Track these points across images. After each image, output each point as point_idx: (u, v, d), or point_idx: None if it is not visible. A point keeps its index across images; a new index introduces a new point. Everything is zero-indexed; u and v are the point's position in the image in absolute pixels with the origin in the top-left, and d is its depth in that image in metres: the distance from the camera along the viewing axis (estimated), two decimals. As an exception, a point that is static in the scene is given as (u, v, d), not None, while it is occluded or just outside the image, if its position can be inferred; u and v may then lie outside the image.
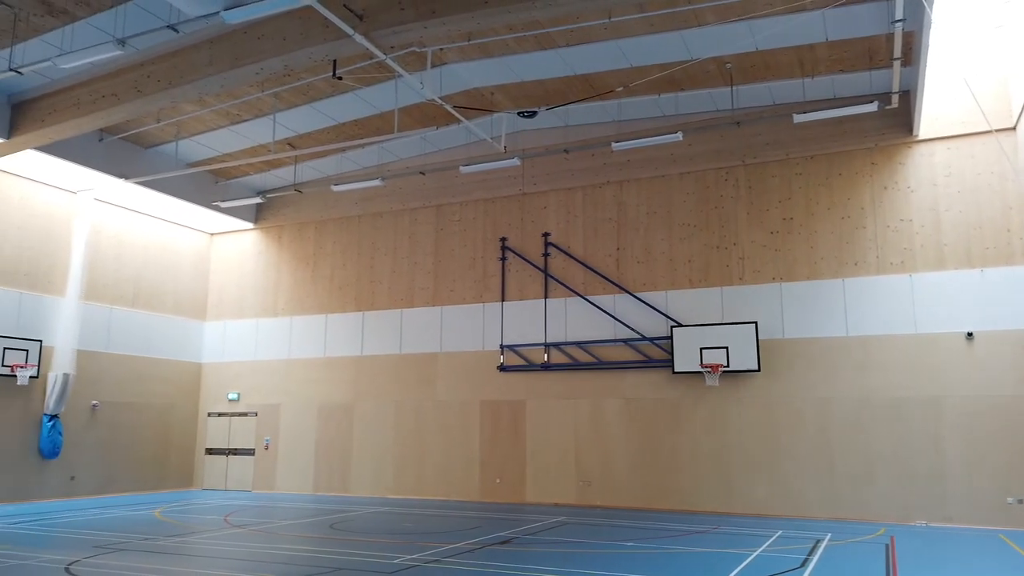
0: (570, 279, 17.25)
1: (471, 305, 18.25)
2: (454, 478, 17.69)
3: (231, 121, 16.83)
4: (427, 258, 19.03)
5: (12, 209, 16.93)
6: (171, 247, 20.74)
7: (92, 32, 12.69)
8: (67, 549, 10.31)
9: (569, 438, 16.69)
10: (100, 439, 18.33)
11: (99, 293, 18.67)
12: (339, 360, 19.63)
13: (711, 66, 14.36)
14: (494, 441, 17.45)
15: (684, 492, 15.46)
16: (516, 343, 17.51)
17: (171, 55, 13.27)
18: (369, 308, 19.53)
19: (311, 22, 11.82)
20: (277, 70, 12.69)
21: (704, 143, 16.26)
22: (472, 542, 11.12)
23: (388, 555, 9.94)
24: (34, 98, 14.89)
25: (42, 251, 17.48)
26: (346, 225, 20.23)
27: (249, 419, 20.42)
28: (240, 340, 20.98)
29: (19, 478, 16.53)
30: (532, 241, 17.84)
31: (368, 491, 18.53)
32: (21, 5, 12.09)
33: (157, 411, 19.88)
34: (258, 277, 21.17)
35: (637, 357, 16.30)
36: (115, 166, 17.25)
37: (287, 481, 19.57)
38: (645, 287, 16.53)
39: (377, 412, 18.89)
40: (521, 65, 14.75)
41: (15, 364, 16.35)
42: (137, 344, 19.52)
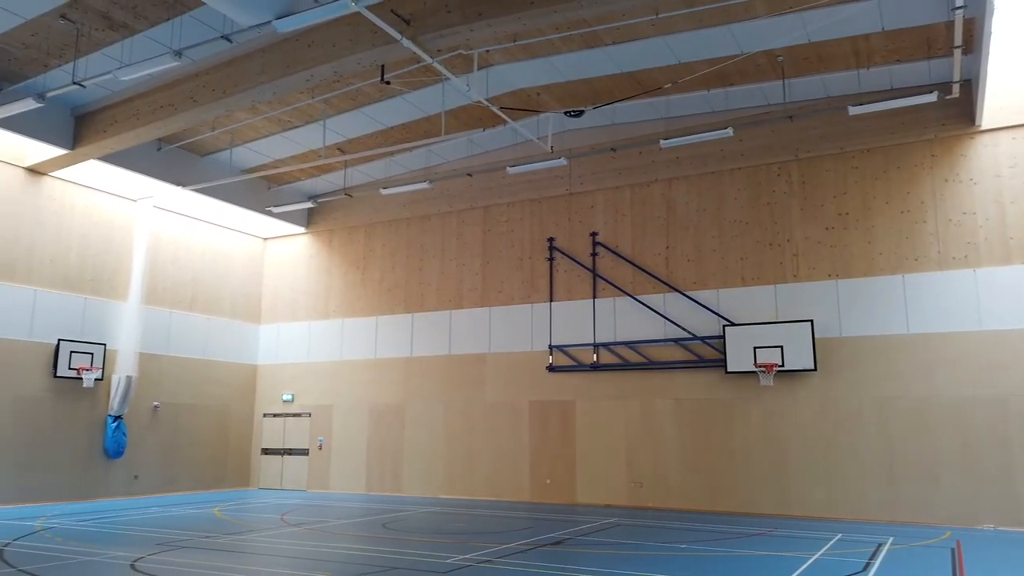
0: (619, 278, 17.12)
1: (519, 306, 18.26)
2: (504, 478, 17.71)
3: (283, 128, 17.17)
4: (475, 259, 19.11)
5: (76, 217, 17.57)
6: (226, 252, 21.27)
7: (150, 45, 13.09)
8: (132, 546, 10.65)
9: (620, 439, 16.56)
10: (161, 439, 18.90)
11: (159, 297, 19.24)
12: (389, 361, 19.85)
13: (761, 60, 14.08)
14: (543, 441, 17.42)
15: (739, 494, 15.19)
16: (565, 343, 17.45)
17: (225, 65, 13.62)
18: (418, 310, 19.70)
19: (359, 28, 12.00)
20: (327, 76, 12.92)
21: (755, 138, 15.96)
22: (524, 542, 11.11)
23: (440, 555, 10.00)
24: (96, 110, 15.44)
25: (105, 257, 18.10)
26: (395, 228, 20.45)
27: (303, 420, 20.80)
28: (293, 342, 21.39)
29: (86, 477, 17.15)
30: (580, 241, 17.76)
31: (419, 491, 18.69)
32: (83, 20, 12.55)
33: (215, 412, 20.40)
34: (310, 280, 21.56)
35: (688, 357, 16.09)
36: (173, 174, 17.77)
37: (340, 481, 19.86)
38: (696, 286, 16.30)
39: (427, 413, 19.04)
40: (567, 64, 14.70)
41: (81, 367, 16.97)
42: (195, 347, 20.07)
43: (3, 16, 12.29)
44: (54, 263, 17.00)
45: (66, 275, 17.24)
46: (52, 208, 17.05)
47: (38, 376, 16.43)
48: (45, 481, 16.31)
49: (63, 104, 15.32)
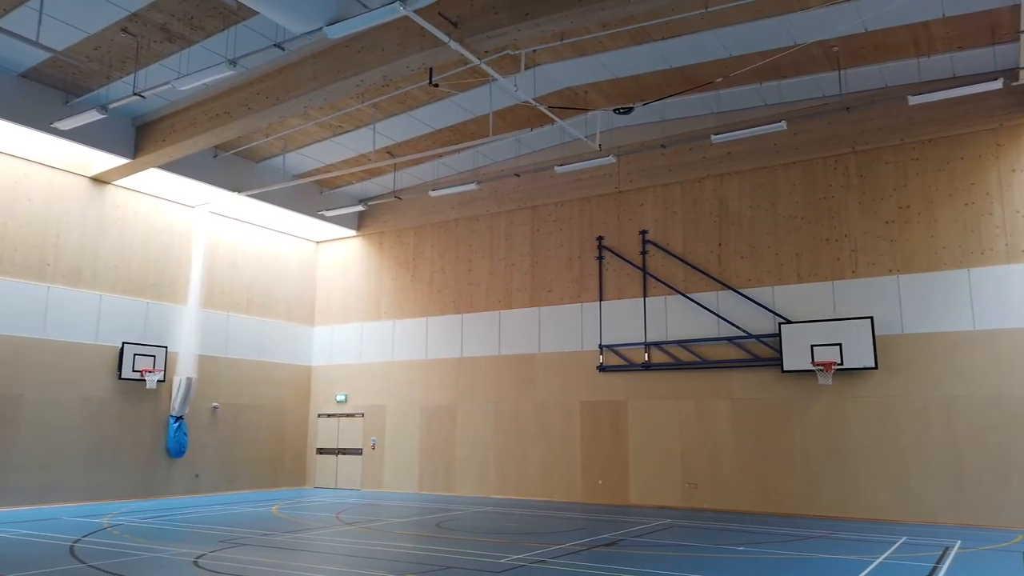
0: (670, 277, 16.91)
1: (569, 305, 18.19)
2: (556, 479, 17.66)
3: (333, 133, 17.45)
4: (523, 259, 19.11)
5: (138, 224, 18.15)
6: (281, 256, 21.71)
7: (206, 55, 13.44)
8: (195, 543, 10.94)
9: (673, 439, 16.35)
10: (220, 439, 19.39)
11: (217, 301, 19.75)
12: (440, 362, 19.99)
13: (816, 51, 13.74)
14: (595, 442, 17.32)
15: (797, 495, 14.85)
16: (615, 343, 17.31)
17: (277, 72, 13.90)
18: (467, 310, 19.79)
19: (408, 32, 12.11)
20: (376, 81, 13.07)
21: (810, 131, 15.59)
22: (577, 543, 11.05)
23: (494, 554, 10.01)
24: (155, 120, 15.92)
25: (165, 263, 18.66)
26: (443, 229, 20.59)
27: (356, 420, 21.10)
28: (346, 344, 21.71)
29: (150, 475, 17.71)
30: (629, 239, 17.60)
31: (471, 490, 18.77)
32: (143, 33, 12.95)
33: (271, 412, 20.85)
34: (361, 282, 21.86)
35: (743, 356, 15.79)
36: (229, 180, 18.23)
37: (393, 480, 20.09)
38: (750, 283, 15.99)
39: (478, 413, 19.11)
40: (615, 62, 14.59)
41: (144, 369, 17.53)
42: (252, 349, 20.54)
43: (68, 31, 12.77)
44: (118, 269, 17.59)
45: (129, 280, 17.82)
46: (115, 216, 17.65)
47: (104, 378, 17.02)
48: (112, 479, 16.89)
49: (124, 115, 15.85)
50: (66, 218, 16.64)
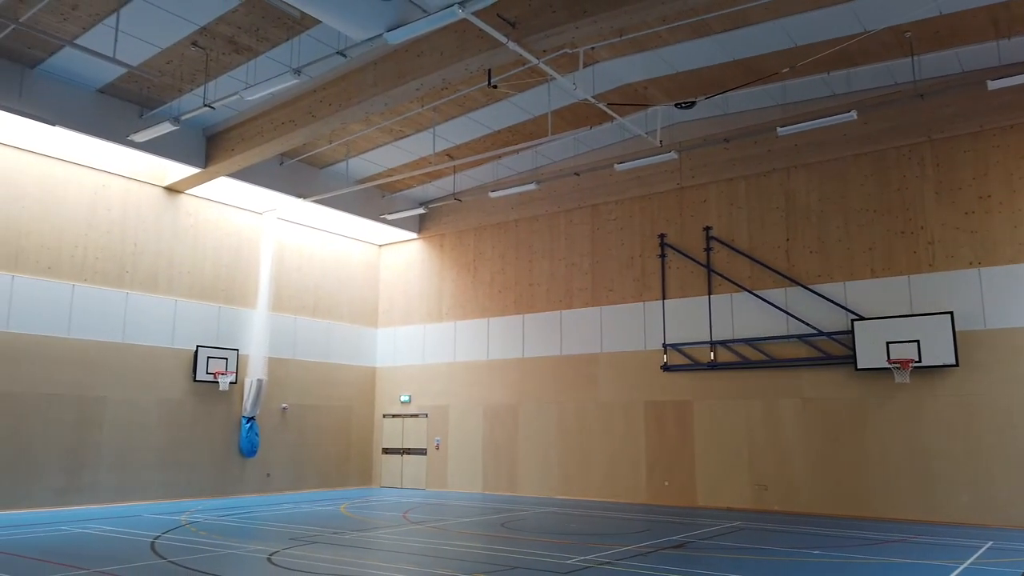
0: (735, 273, 16.54)
1: (631, 304, 17.98)
2: (620, 480, 17.48)
3: (394, 137, 17.68)
4: (584, 259, 18.98)
5: (209, 231, 18.77)
6: (344, 259, 22.14)
7: (271, 65, 13.80)
8: (268, 540, 11.23)
9: (741, 440, 15.98)
10: (290, 439, 19.88)
11: (284, 304, 20.26)
12: (501, 362, 20.03)
13: (887, 37, 13.22)
14: (660, 442, 17.07)
15: (873, 498, 14.32)
16: (680, 342, 17.03)
17: (340, 79, 14.17)
18: (528, 311, 19.78)
19: (466, 35, 12.17)
20: (435, 84, 13.19)
21: (882, 120, 15.02)
22: (644, 545, 10.90)
23: (560, 555, 9.95)
24: (224, 130, 16.43)
25: (235, 268, 19.24)
26: (503, 230, 20.63)
27: (420, 420, 21.34)
28: (409, 345, 21.98)
29: (223, 475, 18.27)
30: (692, 236, 17.29)
31: (535, 491, 18.75)
32: (212, 46, 13.38)
33: (338, 413, 21.27)
34: (423, 284, 22.09)
35: (814, 354, 15.32)
36: (294, 187, 18.68)
37: (458, 480, 20.23)
38: (820, 279, 15.51)
39: (540, 413, 19.07)
40: (675, 56, 14.35)
41: (217, 371, 18.10)
42: (318, 351, 20.99)
43: (142, 47, 13.29)
44: (191, 275, 18.22)
45: (202, 286, 18.44)
46: (188, 223, 18.29)
47: (179, 380, 17.65)
48: (188, 478, 17.50)
49: (195, 126, 16.40)
50: (142, 227, 17.32)
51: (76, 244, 16.11)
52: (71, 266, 15.98)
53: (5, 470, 14.50)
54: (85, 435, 15.79)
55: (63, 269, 15.85)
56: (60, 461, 15.33)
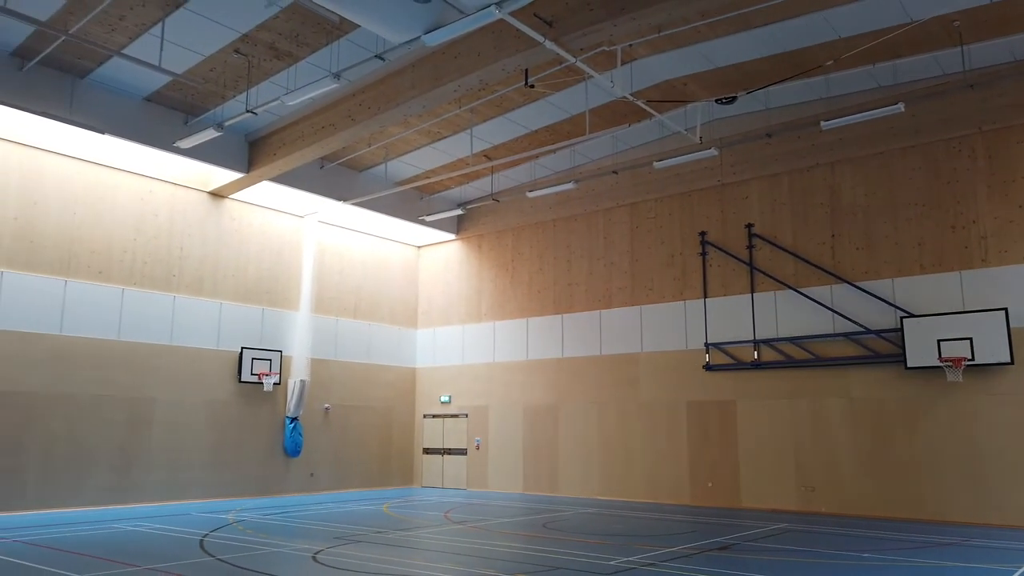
0: (779, 271, 16.25)
1: (671, 303, 17.79)
2: (662, 481, 17.31)
3: (432, 139, 17.78)
4: (623, 258, 18.84)
5: (252, 235, 19.10)
6: (384, 261, 22.33)
7: (311, 70, 13.98)
8: (312, 539, 11.36)
9: (787, 440, 15.69)
10: (333, 439, 20.12)
11: (326, 306, 20.51)
12: (541, 362, 19.99)
13: (934, 27, 12.85)
14: (703, 443, 16.85)
15: (925, 500, 13.93)
16: (722, 341, 16.79)
17: (378, 83, 14.29)
18: (567, 311, 19.70)
19: (503, 35, 12.17)
20: (473, 86, 13.21)
21: (930, 112, 14.61)
22: (688, 547, 10.76)
23: (602, 556, 9.88)
24: (266, 135, 16.70)
25: (278, 271, 19.54)
26: (542, 230, 20.59)
27: (460, 420, 21.42)
28: (449, 345, 22.07)
29: (268, 474, 18.58)
30: (734, 233, 17.04)
31: (576, 491, 18.66)
32: (253, 53, 13.61)
33: (379, 413, 21.46)
34: (462, 285, 22.17)
35: (861, 352, 14.97)
36: (335, 190, 18.90)
37: (498, 480, 20.24)
38: (867, 275, 15.15)
39: (580, 413, 18.98)
40: (715, 51, 14.15)
41: (261, 372, 18.41)
42: (359, 351, 21.21)
43: (187, 55, 13.57)
44: (235, 278, 18.56)
45: (246, 288, 18.77)
46: (232, 227, 18.63)
47: (225, 381, 17.99)
48: (234, 478, 17.83)
49: (238, 131, 16.71)
50: (188, 231, 17.69)
51: (125, 249, 16.53)
52: (120, 270, 16.40)
53: (61, 469, 14.94)
54: (136, 435, 16.19)
55: (113, 273, 16.27)
56: (112, 460, 15.74)
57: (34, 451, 14.63)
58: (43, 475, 14.69)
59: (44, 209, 15.34)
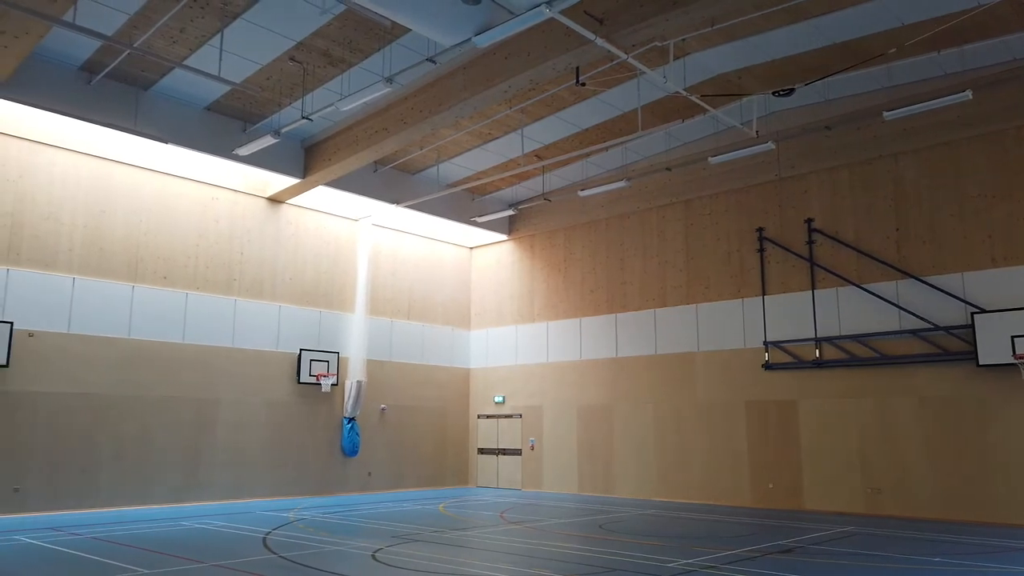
0: (840, 267, 15.79)
1: (729, 301, 17.46)
2: (721, 482, 16.99)
3: (483, 140, 17.84)
4: (678, 255, 18.58)
5: (309, 239, 19.48)
6: (437, 262, 22.52)
7: (364, 75, 14.18)
8: (371, 537, 11.51)
9: (851, 441, 15.23)
10: (389, 439, 20.38)
11: (380, 308, 20.79)
12: (595, 362, 19.86)
13: (1004, 9, 12.30)
14: (763, 444, 16.48)
15: (1000, 502, 13.35)
16: (782, 339, 16.40)
17: (429, 86, 14.40)
18: (621, 310, 19.53)
19: (553, 34, 12.13)
20: (523, 86, 13.20)
21: (1000, 99, 13.99)
22: (749, 549, 10.53)
23: (661, 558, 9.74)
24: (321, 140, 17.01)
25: (334, 274, 19.89)
26: (594, 229, 20.46)
27: (514, 420, 21.43)
28: (502, 346, 22.12)
29: (327, 473, 18.91)
30: (793, 229, 16.63)
31: (632, 492, 18.48)
32: (308, 60, 13.87)
33: (434, 413, 21.64)
34: (514, 285, 22.19)
35: (930, 350, 14.44)
36: (388, 193, 19.14)
37: (553, 480, 20.19)
38: (934, 270, 14.60)
39: (636, 413, 18.79)
40: (770, 43, 13.84)
41: (319, 374, 18.75)
42: (414, 352, 21.43)
43: (244, 64, 13.92)
44: (293, 281, 18.96)
45: (303, 291, 19.15)
46: (289, 232, 19.04)
47: (285, 382, 18.39)
48: (294, 477, 18.20)
49: (294, 138, 17.06)
50: (247, 236, 18.14)
51: (188, 254, 17.04)
52: (184, 275, 16.92)
53: (132, 469, 15.49)
54: (201, 435, 16.68)
55: (177, 278, 16.79)
56: (179, 460, 16.25)
57: (107, 451, 15.21)
58: (115, 474, 15.25)
59: (112, 217, 15.93)
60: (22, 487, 14.03)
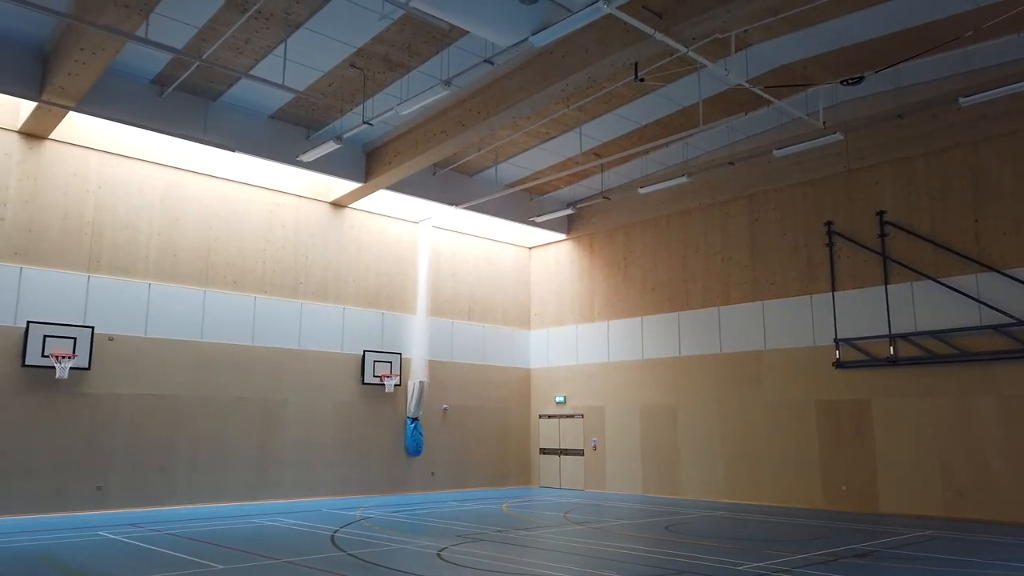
0: (915, 260, 15.17)
1: (796, 298, 16.97)
2: (791, 484, 16.53)
3: (541, 140, 17.80)
4: (742, 252, 18.16)
5: (371, 242, 19.78)
6: (496, 263, 22.58)
7: (423, 79, 14.31)
8: (435, 536, 11.60)
9: (930, 441, 14.61)
10: (451, 439, 20.53)
11: (441, 309, 20.97)
12: (657, 362, 19.59)
13: (1092, -17, 11.61)
14: (835, 444, 15.96)
15: (1094, 509, 12.59)
16: (853, 336, 15.85)
17: (487, 87, 14.44)
18: (684, 308, 19.20)
19: (611, 30, 12.00)
20: (581, 84, 13.11)
21: (1088, 79, 13.20)
22: (823, 553, 10.20)
23: (730, 560, 9.52)
24: (381, 145, 17.25)
25: (395, 276, 20.15)
26: (654, 226, 20.18)
27: (576, 420, 21.32)
28: (562, 346, 22.03)
29: (391, 472, 19.17)
30: (864, 222, 16.05)
31: (698, 494, 18.15)
32: (368, 66, 14.08)
33: (495, 414, 21.70)
34: (574, 285, 22.07)
35: (1012, 346, 13.73)
36: (447, 195, 19.29)
37: (616, 481, 20.00)
38: (1018, 262, 13.88)
39: (701, 413, 18.44)
40: (837, 30, 13.39)
41: (383, 375, 19.03)
42: (474, 353, 21.54)
43: (307, 72, 14.23)
44: (356, 284, 19.29)
45: (366, 294, 19.47)
46: (352, 236, 19.38)
47: (350, 383, 18.72)
48: (360, 476, 18.51)
49: (356, 143, 17.35)
50: (312, 241, 18.54)
51: (256, 259, 17.52)
52: (253, 279, 17.39)
53: (206, 468, 16.00)
54: (270, 435, 17.12)
55: (246, 282, 17.28)
56: (250, 459, 16.71)
57: (182, 450, 15.75)
58: (191, 473, 15.78)
59: (184, 225, 16.50)
60: (104, 485, 14.66)
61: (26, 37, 13.03)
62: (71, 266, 14.88)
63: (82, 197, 15.16)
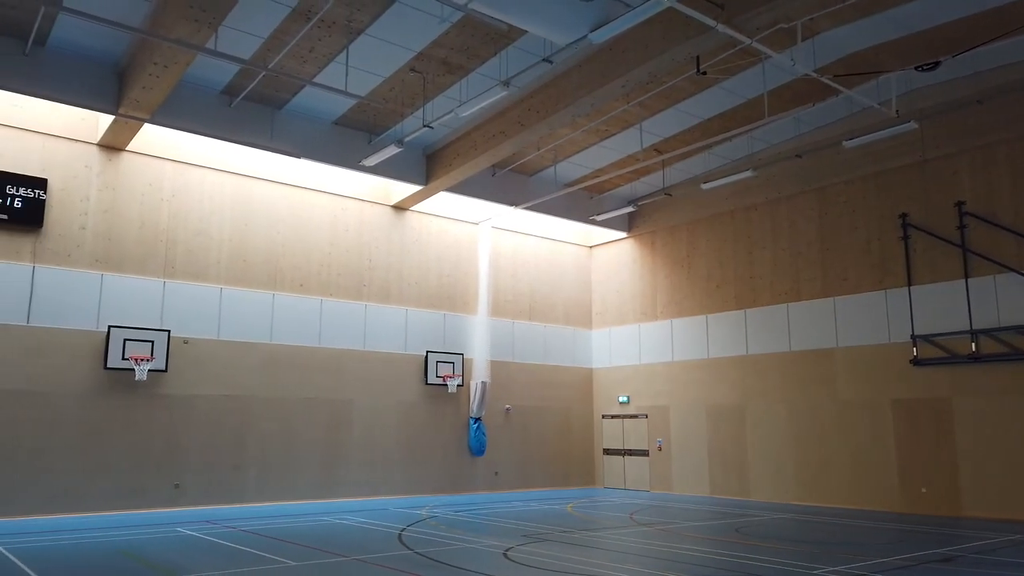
0: (999, 252, 14.45)
1: (870, 293, 16.38)
2: (867, 485, 15.95)
3: (600, 137, 17.65)
4: (811, 246, 17.62)
5: (432, 244, 19.97)
6: (556, 263, 22.51)
7: (482, 80, 14.36)
8: (501, 536, 11.62)
9: (1016, 442, 13.88)
10: (514, 439, 20.55)
11: (502, 309, 21.01)
12: (723, 360, 19.19)
13: None
14: (913, 445, 15.33)
15: None
16: (932, 332, 15.19)
17: (545, 86, 14.39)
18: (751, 305, 18.76)
19: (671, 24, 11.81)
20: (641, 79, 12.95)
21: None
22: (903, 557, 9.79)
23: (803, 564, 9.23)
24: (441, 147, 17.39)
25: (456, 277, 20.29)
26: (718, 222, 19.78)
27: (640, 421, 21.06)
28: (625, 345, 21.80)
29: (456, 472, 19.30)
30: (941, 213, 15.38)
31: (768, 496, 17.70)
32: (427, 70, 14.21)
33: (558, 414, 21.63)
34: (635, 283, 21.82)
35: (1108, 341, 12.94)
36: (506, 195, 19.32)
37: (683, 482, 19.67)
38: (1111, 252, 13.08)
39: (769, 413, 17.98)
40: (909, 15, 12.86)
41: (446, 375, 19.18)
42: (536, 353, 21.51)
43: (368, 78, 14.45)
44: (418, 285, 19.50)
45: (428, 295, 19.66)
46: (413, 238, 19.60)
47: (414, 384, 18.93)
48: (424, 475, 18.70)
49: (416, 146, 17.54)
50: (375, 243, 18.84)
51: (322, 263, 17.89)
52: (318, 282, 17.77)
53: (276, 467, 16.41)
54: (337, 435, 17.45)
55: (312, 285, 17.66)
56: (318, 458, 17.06)
57: (254, 450, 16.20)
58: (261, 471, 16.21)
59: (253, 230, 16.97)
60: (181, 483, 15.19)
61: (103, 54, 13.63)
62: (148, 272, 15.47)
63: (157, 206, 15.75)
